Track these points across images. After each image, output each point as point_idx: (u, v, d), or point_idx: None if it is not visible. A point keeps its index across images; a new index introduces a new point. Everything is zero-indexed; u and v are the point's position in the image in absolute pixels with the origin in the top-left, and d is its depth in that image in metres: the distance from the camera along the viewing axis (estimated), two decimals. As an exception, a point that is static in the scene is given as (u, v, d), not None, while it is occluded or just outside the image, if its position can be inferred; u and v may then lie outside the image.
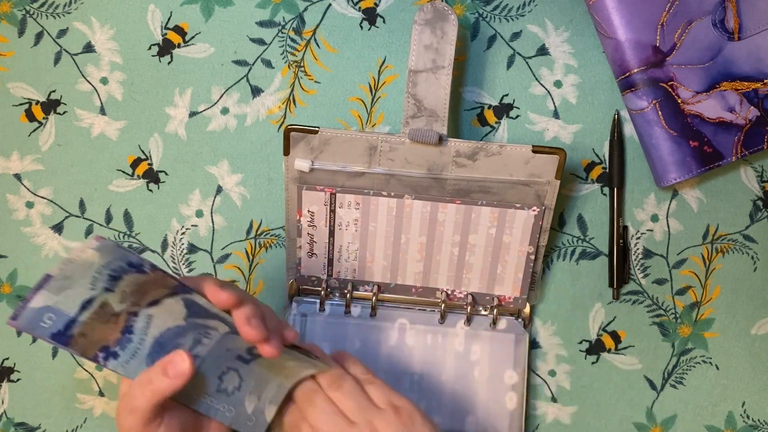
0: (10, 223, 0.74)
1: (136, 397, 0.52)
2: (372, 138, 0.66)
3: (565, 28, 0.71)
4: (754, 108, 0.67)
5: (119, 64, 0.72)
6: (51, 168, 0.74)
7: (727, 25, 0.66)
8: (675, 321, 0.73)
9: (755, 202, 0.72)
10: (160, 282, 0.54)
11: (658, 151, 0.68)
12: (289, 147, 0.66)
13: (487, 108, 0.72)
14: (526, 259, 0.69)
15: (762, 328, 0.73)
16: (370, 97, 0.72)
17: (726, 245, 0.72)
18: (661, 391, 0.73)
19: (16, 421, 0.75)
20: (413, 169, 0.67)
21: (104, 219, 0.74)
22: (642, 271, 0.72)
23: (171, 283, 0.54)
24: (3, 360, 0.75)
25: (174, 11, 0.72)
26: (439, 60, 0.64)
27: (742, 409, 0.73)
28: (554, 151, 0.65)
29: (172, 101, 0.72)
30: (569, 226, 0.72)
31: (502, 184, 0.67)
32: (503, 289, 0.71)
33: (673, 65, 0.67)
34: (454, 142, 0.65)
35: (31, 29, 0.72)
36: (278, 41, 0.72)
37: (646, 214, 0.72)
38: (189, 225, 0.73)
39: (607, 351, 0.73)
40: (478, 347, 0.71)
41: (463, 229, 0.68)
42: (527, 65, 0.71)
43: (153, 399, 0.52)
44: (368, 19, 0.71)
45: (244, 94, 0.72)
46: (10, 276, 0.74)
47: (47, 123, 0.73)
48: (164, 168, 0.73)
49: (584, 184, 0.72)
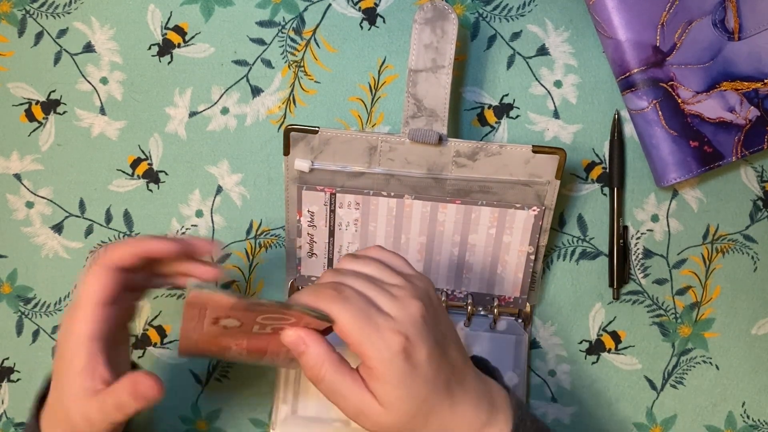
0: (10, 223, 0.74)
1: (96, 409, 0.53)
2: (372, 138, 0.66)
3: (565, 28, 0.71)
4: (754, 108, 0.67)
5: (119, 64, 0.72)
6: (51, 168, 0.74)
7: (727, 25, 0.66)
8: (675, 321, 0.73)
9: (755, 202, 0.72)
10: None
11: (658, 151, 0.68)
12: (289, 147, 0.66)
13: (487, 108, 0.72)
14: (526, 259, 0.69)
15: (762, 328, 0.73)
16: (370, 97, 0.72)
17: (726, 245, 0.72)
18: (661, 391, 0.73)
19: (16, 421, 0.75)
20: (413, 169, 0.67)
21: (104, 219, 0.74)
22: (642, 271, 0.72)
23: None
24: (3, 360, 0.75)
25: (174, 11, 0.72)
26: (439, 59, 0.64)
27: (742, 409, 0.73)
28: (554, 151, 0.65)
29: (172, 101, 0.72)
30: (569, 226, 0.72)
31: (502, 184, 0.67)
32: (503, 289, 0.71)
33: (673, 65, 0.67)
34: (454, 142, 0.65)
35: (31, 29, 0.72)
36: (278, 41, 0.72)
37: (646, 214, 0.72)
38: (189, 225, 0.73)
39: (607, 351, 0.73)
40: (478, 348, 0.71)
41: (463, 229, 0.68)
42: (527, 65, 0.71)
43: (114, 417, 0.53)
44: (368, 19, 0.71)
45: (244, 94, 0.72)
46: (10, 276, 0.74)
47: (47, 123, 0.73)
48: (164, 168, 0.73)
49: (584, 184, 0.72)
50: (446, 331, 0.55)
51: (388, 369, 0.51)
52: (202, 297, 0.51)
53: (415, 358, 0.52)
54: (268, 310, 0.52)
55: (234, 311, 0.52)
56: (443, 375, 0.53)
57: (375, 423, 0.53)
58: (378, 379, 0.51)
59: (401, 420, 0.52)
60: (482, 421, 0.54)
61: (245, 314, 0.52)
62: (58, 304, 0.74)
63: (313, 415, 0.71)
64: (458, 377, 0.54)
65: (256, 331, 0.54)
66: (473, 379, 0.55)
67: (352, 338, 0.51)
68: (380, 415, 0.52)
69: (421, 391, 0.52)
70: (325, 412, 0.71)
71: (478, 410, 0.54)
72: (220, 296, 0.51)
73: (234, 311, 0.52)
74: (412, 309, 0.53)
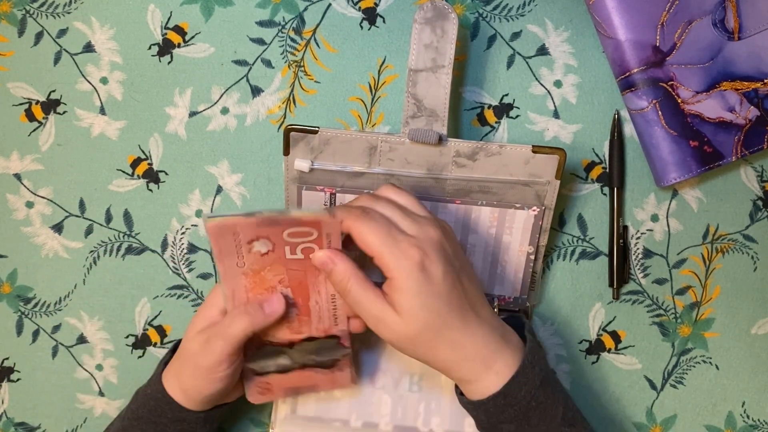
0: (10, 223, 0.74)
1: (233, 325, 0.61)
2: (372, 138, 0.66)
3: (565, 28, 0.71)
4: (754, 108, 0.67)
5: (119, 64, 0.72)
6: (51, 168, 0.74)
7: (727, 25, 0.66)
8: (675, 321, 0.73)
9: (755, 202, 0.72)
10: None
11: (658, 151, 0.68)
12: (289, 147, 0.66)
13: (487, 108, 0.72)
14: (526, 259, 0.69)
15: (762, 328, 0.73)
16: (370, 97, 0.72)
17: (726, 245, 0.72)
18: (661, 391, 0.73)
19: (16, 421, 0.75)
20: (413, 169, 0.67)
21: (104, 219, 0.74)
22: (642, 271, 0.72)
23: None
24: (3, 360, 0.75)
25: (174, 11, 0.72)
26: (439, 59, 0.64)
27: (742, 409, 0.73)
28: (554, 150, 0.65)
29: (172, 101, 0.72)
30: (569, 226, 0.72)
31: (502, 184, 0.67)
32: (503, 289, 0.71)
33: (673, 65, 0.67)
34: (454, 142, 0.65)
35: (31, 29, 0.72)
36: (278, 41, 0.72)
37: (646, 214, 0.72)
38: (189, 225, 0.73)
39: (607, 351, 0.73)
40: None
41: (463, 229, 0.68)
42: (527, 65, 0.71)
43: (245, 331, 0.61)
44: (368, 19, 0.71)
45: (244, 94, 0.72)
46: (10, 276, 0.74)
47: (47, 123, 0.73)
48: (164, 168, 0.73)
49: (584, 184, 0.72)
50: (462, 264, 0.60)
51: (406, 278, 0.56)
52: (227, 222, 0.57)
53: (431, 272, 0.57)
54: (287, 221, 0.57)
55: (260, 228, 0.58)
56: (456, 295, 0.58)
57: (392, 331, 0.58)
58: (397, 288, 0.57)
59: (415, 328, 0.57)
60: (490, 349, 0.59)
61: (272, 230, 0.58)
62: (58, 304, 0.74)
63: (313, 415, 0.71)
64: (472, 303, 0.59)
65: (289, 257, 0.60)
66: (488, 313, 0.61)
67: (375, 250, 0.57)
68: (397, 324, 0.57)
69: (435, 304, 0.57)
70: (325, 411, 0.71)
71: (487, 339, 0.59)
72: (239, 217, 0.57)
73: (260, 228, 0.58)
74: (431, 233, 0.58)
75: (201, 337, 0.62)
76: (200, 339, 0.62)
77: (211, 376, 0.62)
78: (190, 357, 0.63)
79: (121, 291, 0.74)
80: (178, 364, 0.65)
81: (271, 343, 0.65)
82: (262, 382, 0.67)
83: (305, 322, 0.64)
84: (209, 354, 0.61)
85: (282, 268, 0.61)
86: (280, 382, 0.67)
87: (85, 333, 0.74)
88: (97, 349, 0.75)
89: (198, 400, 0.64)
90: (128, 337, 0.74)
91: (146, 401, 0.65)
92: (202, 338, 0.62)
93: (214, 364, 0.61)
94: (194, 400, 0.64)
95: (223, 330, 0.61)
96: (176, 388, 0.64)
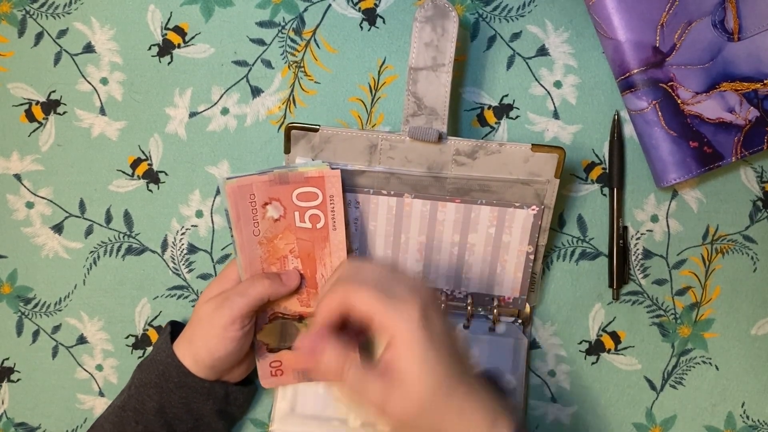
0: (10, 223, 0.74)
1: (254, 285, 0.64)
2: (372, 136, 0.66)
3: (565, 29, 0.71)
4: (753, 108, 0.67)
5: (119, 64, 0.73)
6: (51, 168, 0.74)
7: (726, 25, 0.66)
8: (675, 321, 0.73)
9: (755, 202, 0.72)
10: None
11: (657, 151, 0.68)
12: (290, 145, 0.66)
13: (487, 108, 0.72)
14: (526, 259, 0.69)
15: (762, 328, 0.73)
16: (370, 98, 0.72)
17: (726, 246, 0.72)
18: (661, 391, 0.73)
19: (16, 421, 0.75)
20: (413, 167, 0.67)
21: (104, 219, 0.74)
22: (642, 271, 0.72)
23: None
24: (3, 360, 0.75)
25: (174, 11, 0.72)
26: (439, 57, 0.64)
27: (742, 410, 0.73)
28: (553, 149, 0.65)
29: (172, 101, 0.73)
30: (569, 226, 0.72)
31: (502, 183, 0.67)
32: (503, 290, 0.71)
33: (672, 66, 0.67)
34: (454, 140, 0.65)
35: (31, 29, 0.73)
36: (278, 41, 0.72)
37: (646, 214, 0.72)
38: (189, 225, 0.73)
39: (607, 351, 0.73)
40: (477, 351, 0.71)
41: (463, 229, 0.68)
42: (527, 65, 0.71)
43: (264, 294, 0.64)
44: (368, 20, 0.72)
45: (244, 94, 0.72)
46: (10, 276, 0.74)
47: (47, 123, 0.73)
48: (164, 168, 0.73)
49: (584, 184, 0.72)
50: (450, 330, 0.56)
51: (411, 337, 0.53)
52: (244, 181, 0.63)
53: (433, 326, 0.54)
54: (295, 177, 0.63)
55: (273, 187, 0.63)
56: (456, 357, 0.55)
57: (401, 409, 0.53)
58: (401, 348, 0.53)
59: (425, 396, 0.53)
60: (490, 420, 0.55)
61: (282, 190, 0.63)
62: (58, 304, 0.74)
63: (312, 413, 0.71)
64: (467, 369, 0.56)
65: (299, 225, 0.65)
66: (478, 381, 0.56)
67: (374, 309, 0.54)
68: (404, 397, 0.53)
69: (440, 366, 0.53)
70: (324, 410, 0.71)
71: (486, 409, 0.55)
72: (254, 175, 0.63)
73: (273, 187, 0.63)
74: (423, 291, 0.55)
75: (218, 299, 0.65)
76: (217, 300, 0.65)
77: (225, 335, 0.64)
78: (205, 316, 0.65)
79: (121, 291, 0.74)
80: (191, 331, 0.66)
81: (283, 315, 0.68)
82: (274, 362, 0.69)
83: (313, 295, 0.67)
84: (227, 310, 0.64)
85: (292, 236, 0.65)
86: (291, 362, 0.69)
87: (85, 333, 0.74)
88: (97, 350, 0.75)
89: (207, 364, 0.65)
90: (128, 338, 0.74)
91: (154, 367, 0.66)
92: (219, 299, 0.65)
93: (229, 321, 0.64)
94: (203, 365, 0.65)
95: (243, 289, 0.64)
96: (186, 356, 0.66)
